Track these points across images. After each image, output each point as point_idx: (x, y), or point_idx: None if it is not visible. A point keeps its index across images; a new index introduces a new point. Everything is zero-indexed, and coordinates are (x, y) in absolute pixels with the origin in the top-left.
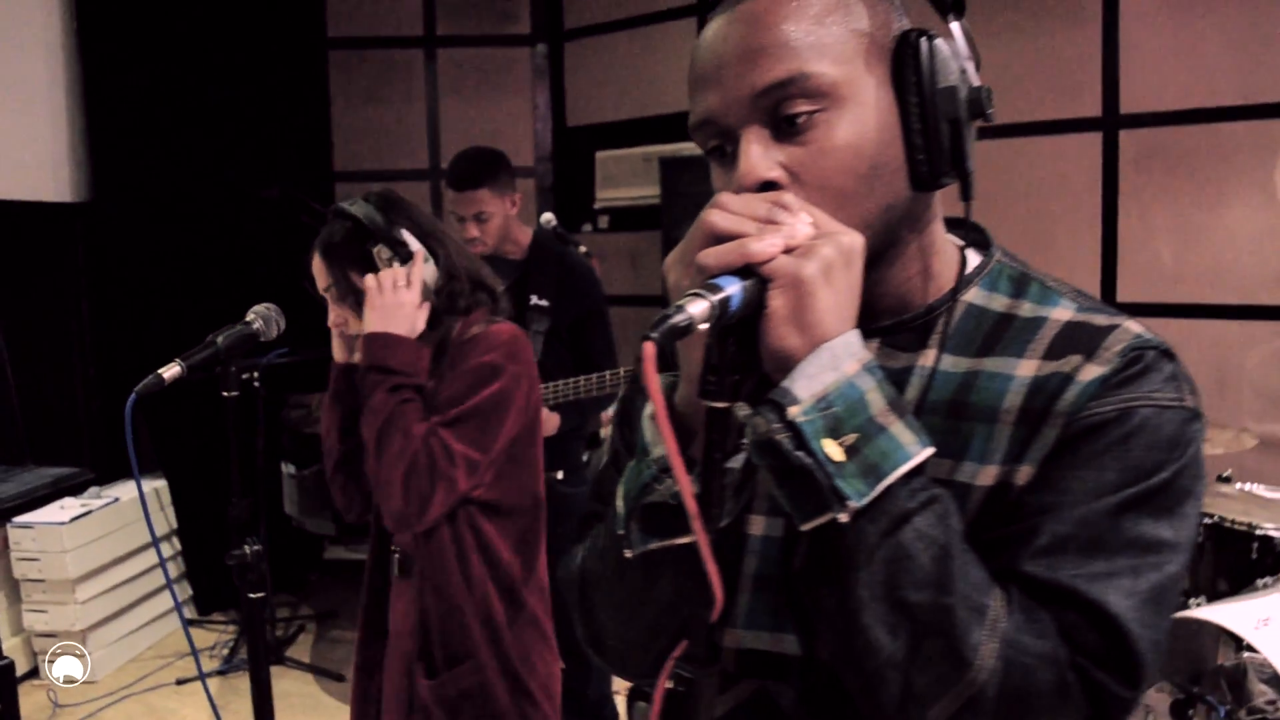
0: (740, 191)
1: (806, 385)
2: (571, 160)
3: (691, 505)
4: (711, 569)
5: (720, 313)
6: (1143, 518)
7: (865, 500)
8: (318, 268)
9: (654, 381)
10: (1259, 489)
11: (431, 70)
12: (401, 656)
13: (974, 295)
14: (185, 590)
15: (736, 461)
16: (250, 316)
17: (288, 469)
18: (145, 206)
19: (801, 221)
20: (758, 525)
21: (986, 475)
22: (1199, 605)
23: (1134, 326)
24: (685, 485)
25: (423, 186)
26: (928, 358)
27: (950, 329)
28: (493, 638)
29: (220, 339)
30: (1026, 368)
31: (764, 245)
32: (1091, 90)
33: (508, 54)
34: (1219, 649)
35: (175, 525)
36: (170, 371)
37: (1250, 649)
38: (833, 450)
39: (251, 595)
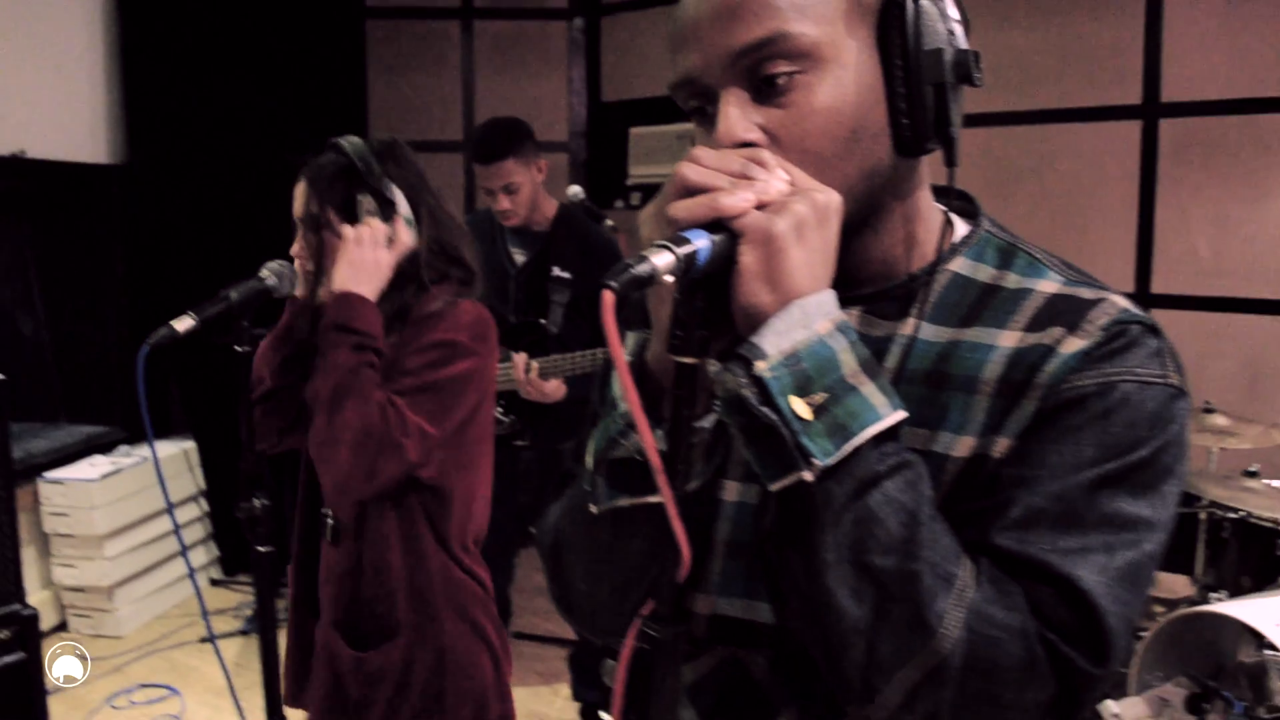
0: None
1: (775, 341)
2: (605, 136)
3: (655, 460)
4: (677, 526)
5: (687, 266)
6: (1120, 494)
7: (831, 460)
8: (299, 191)
9: (613, 331)
10: None
11: (468, 42)
12: (328, 621)
13: (959, 265)
14: (212, 551)
15: (708, 422)
16: (264, 272)
17: None
18: (181, 169)
19: (777, 178)
20: (732, 491)
21: (963, 446)
22: (1221, 600)
23: (1120, 300)
24: (648, 439)
25: (456, 158)
26: (908, 326)
27: (933, 298)
28: (421, 621)
29: (233, 293)
30: (1008, 339)
31: (735, 200)
32: (1132, 78)
33: (544, 27)
34: (1240, 645)
35: (203, 486)
36: (183, 324)
37: (1272, 647)
38: (800, 408)
39: (260, 549)
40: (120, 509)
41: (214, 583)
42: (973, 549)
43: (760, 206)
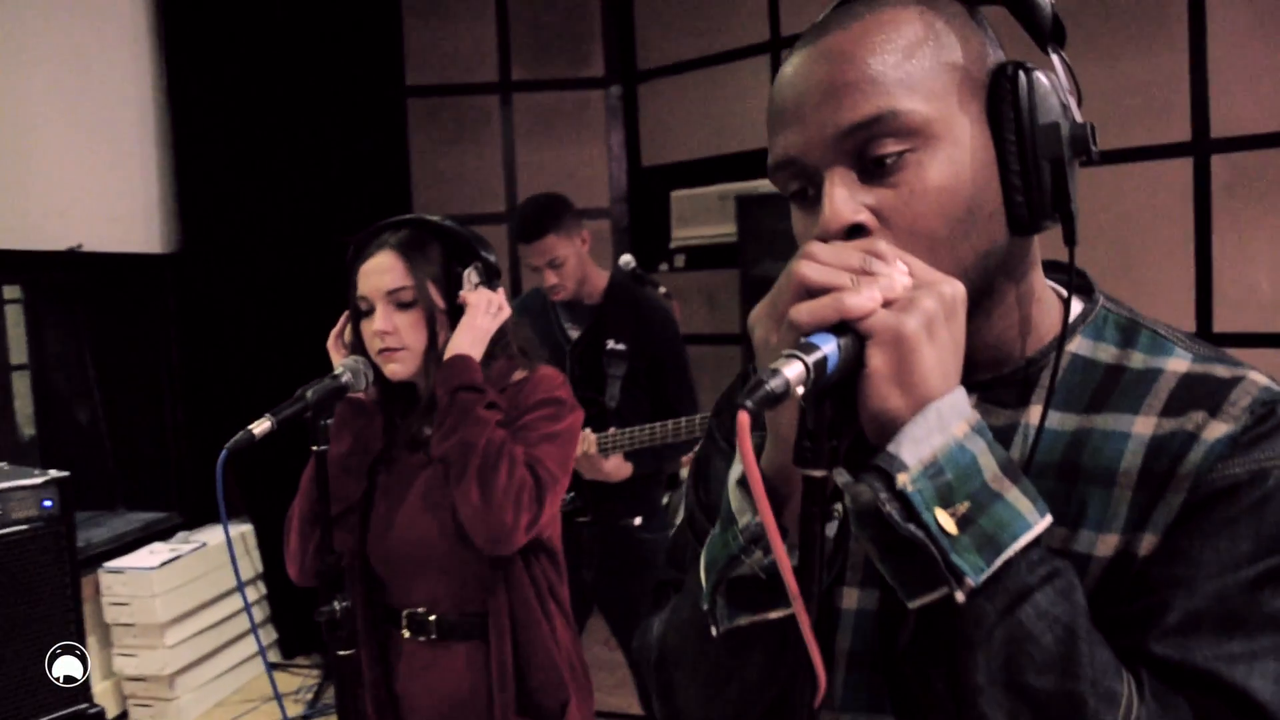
0: (826, 237)
1: (914, 450)
2: (646, 200)
3: (792, 583)
4: (814, 649)
5: (817, 375)
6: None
7: (983, 577)
8: (387, 267)
9: (749, 453)
10: None
11: (507, 115)
12: (469, 714)
13: (1078, 345)
14: (270, 634)
15: (829, 529)
16: (339, 369)
17: None
18: (233, 255)
19: (898, 271)
20: (850, 598)
21: (1106, 545)
22: None
23: (1259, 378)
24: (784, 562)
25: (500, 230)
26: (1032, 415)
27: (1056, 383)
28: (574, 675)
29: (309, 393)
30: (1144, 425)
31: (861, 299)
32: (1180, 115)
33: (581, 96)
34: None
35: (260, 569)
36: (260, 427)
37: None
38: (945, 521)
39: (341, 653)
40: (180, 595)
41: (272, 666)
42: (1128, 658)
43: (885, 304)
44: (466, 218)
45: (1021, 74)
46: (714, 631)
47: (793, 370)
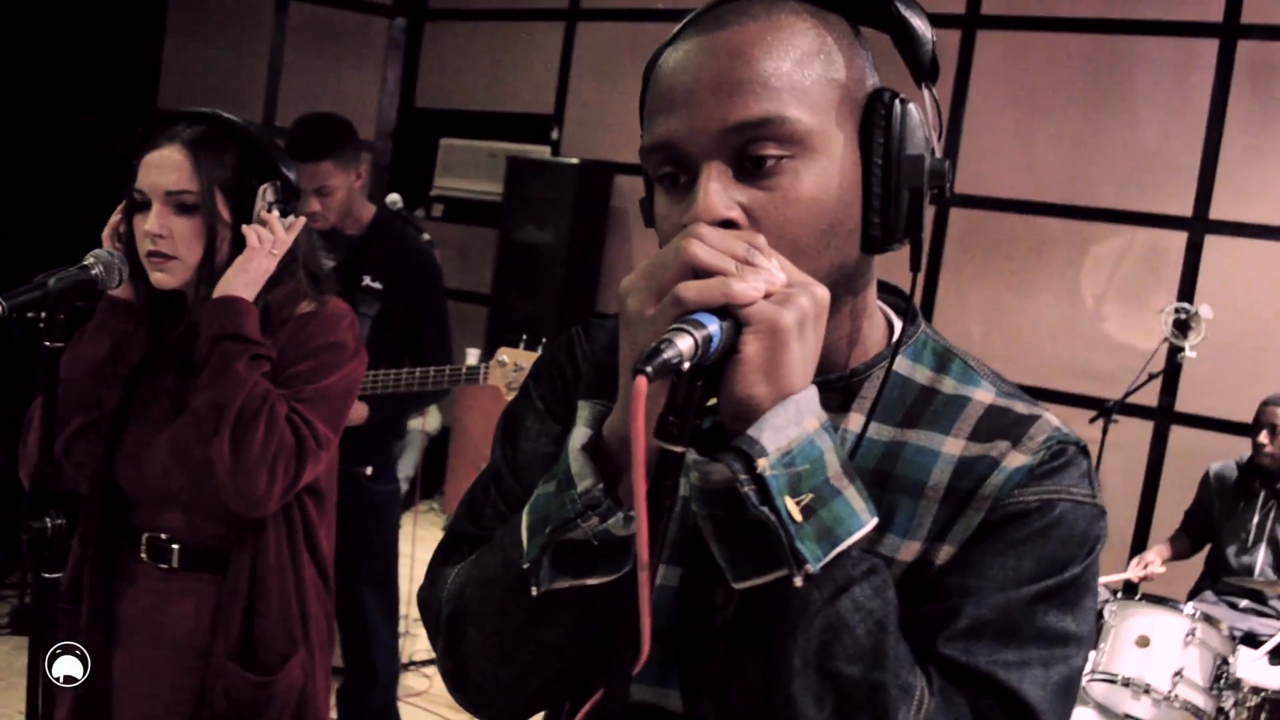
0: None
1: (773, 438)
2: (414, 142)
3: (644, 553)
4: (645, 617)
5: (702, 352)
6: (1052, 610)
7: (820, 565)
8: (173, 164)
9: (640, 424)
10: None
11: (281, 21)
12: (189, 655)
13: (898, 364)
14: None
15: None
16: (89, 260)
17: None
18: None
19: (775, 267)
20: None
21: (909, 550)
22: None
23: (1053, 419)
24: (643, 531)
25: None
26: (851, 422)
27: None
28: (306, 630)
29: (52, 281)
30: (953, 446)
31: (747, 287)
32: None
33: (364, 20)
34: None
35: None
36: None
37: None
38: (793, 509)
39: (46, 575)
40: None
41: None
42: (919, 656)
43: (765, 296)
44: None
45: (897, 103)
46: (534, 591)
47: (685, 343)
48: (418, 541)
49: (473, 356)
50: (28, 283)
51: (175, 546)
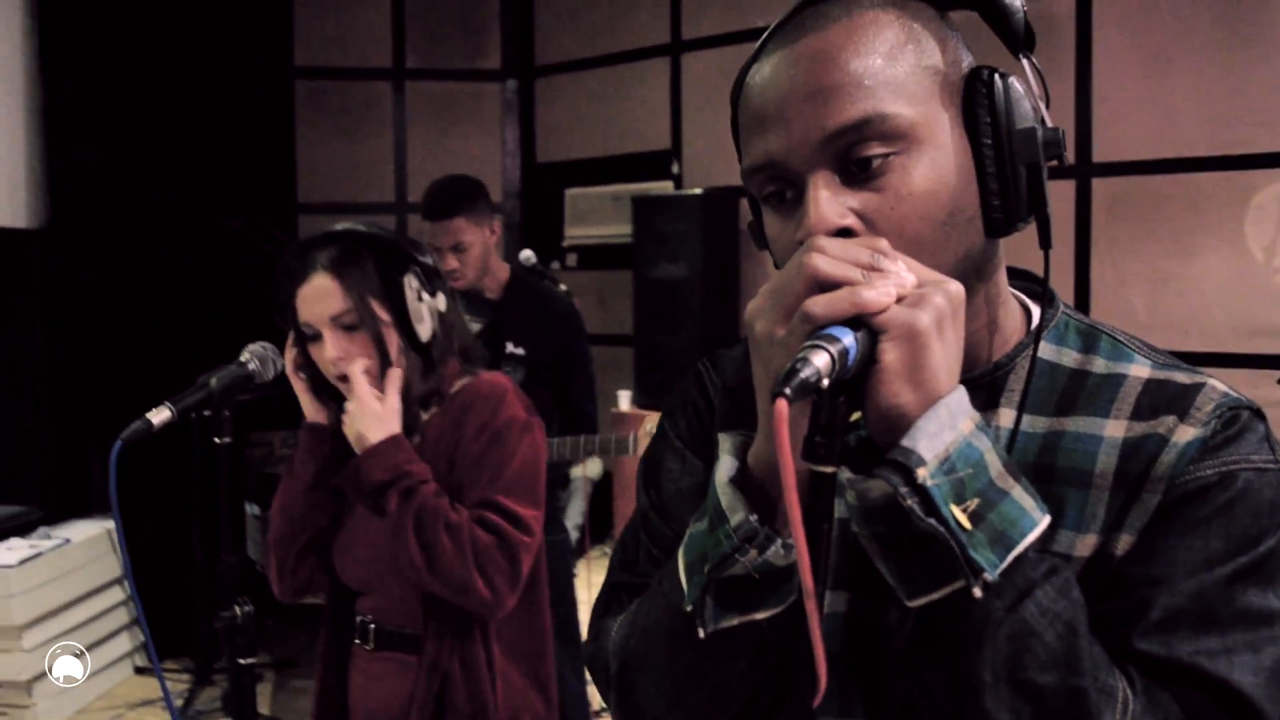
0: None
1: (929, 445)
2: (540, 197)
3: (809, 581)
4: (819, 648)
5: (840, 367)
6: (1250, 588)
7: (998, 571)
8: (325, 292)
9: (786, 448)
10: None
11: (400, 103)
12: None
13: (1042, 350)
14: (136, 638)
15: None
16: (245, 356)
17: (251, 509)
18: (103, 234)
19: (903, 269)
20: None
21: (1085, 545)
22: None
23: (1219, 385)
24: (805, 559)
25: (388, 221)
26: (1003, 417)
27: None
28: (517, 709)
29: (213, 380)
30: (1115, 428)
31: (877, 294)
32: (1065, 140)
33: (477, 89)
34: None
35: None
36: (159, 416)
37: None
38: (960, 517)
39: (241, 661)
40: (39, 596)
41: (138, 670)
42: (1112, 655)
43: (897, 300)
44: (353, 207)
45: (997, 79)
46: (701, 633)
47: (821, 360)
48: (593, 588)
49: (624, 399)
50: (191, 384)
51: (372, 628)
